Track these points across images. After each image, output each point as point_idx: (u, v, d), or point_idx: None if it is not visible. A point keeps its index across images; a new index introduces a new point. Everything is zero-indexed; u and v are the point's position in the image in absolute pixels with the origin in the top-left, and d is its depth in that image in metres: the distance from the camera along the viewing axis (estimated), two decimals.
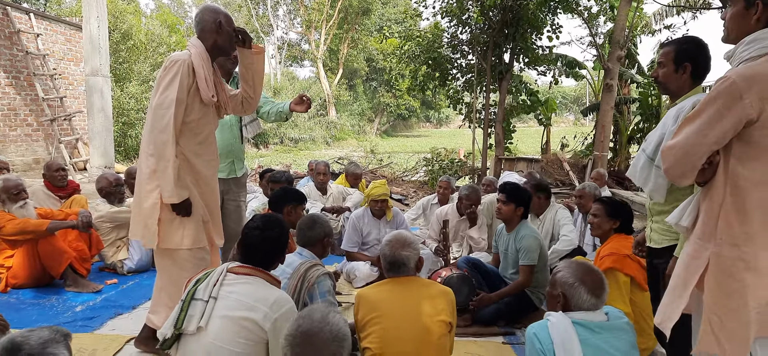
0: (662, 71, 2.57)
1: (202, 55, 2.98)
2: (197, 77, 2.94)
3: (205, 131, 3.11)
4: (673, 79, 2.53)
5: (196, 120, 3.02)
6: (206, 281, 2.36)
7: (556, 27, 11.04)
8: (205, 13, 3.07)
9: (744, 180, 1.80)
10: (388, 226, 5.12)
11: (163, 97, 2.88)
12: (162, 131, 2.86)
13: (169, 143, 2.86)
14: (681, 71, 2.50)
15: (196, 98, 2.99)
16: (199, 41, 3.03)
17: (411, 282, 2.62)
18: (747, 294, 1.80)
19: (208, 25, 3.03)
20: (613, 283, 3.29)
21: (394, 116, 40.70)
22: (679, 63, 2.51)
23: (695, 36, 2.60)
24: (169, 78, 2.89)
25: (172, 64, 2.91)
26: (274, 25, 37.94)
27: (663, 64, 2.57)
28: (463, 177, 11.94)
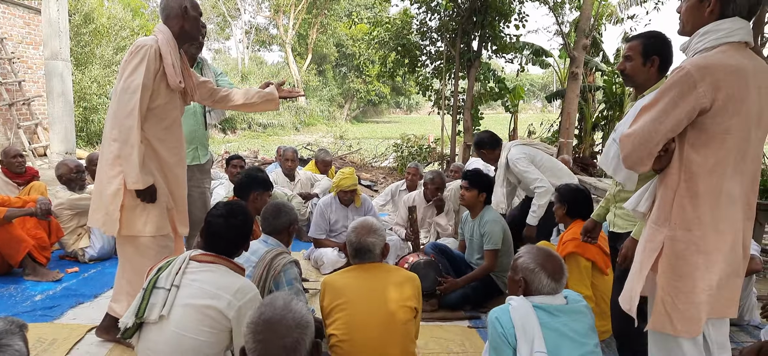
0: (630, 65, 2.63)
1: (169, 41, 2.95)
2: (164, 63, 2.91)
3: (170, 117, 3.06)
4: (640, 73, 2.60)
5: (161, 106, 2.98)
6: (168, 269, 2.33)
7: (523, 15, 11.13)
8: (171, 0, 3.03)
9: (697, 166, 1.86)
10: (356, 213, 5.12)
11: (128, 81, 2.83)
12: (127, 116, 2.81)
13: (134, 128, 2.81)
14: (649, 64, 2.57)
15: (163, 83, 2.94)
16: (166, 27, 2.99)
17: (377, 268, 2.63)
18: (697, 276, 1.88)
19: (174, 10, 3.00)
20: (574, 267, 3.38)
21: (364, 102, 40.62)
22: (647, 56, 2.58)
23: (660, 31, 2.67)
24: (135, 63, 2.84)
25: (138, 49, 2.87)
26: (241, 8, 37.37)
27: (631, 57, 2.63)
28: (431, 163, 12.02)
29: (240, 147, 17.90)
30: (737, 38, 1.85)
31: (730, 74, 1.79)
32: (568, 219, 3.68)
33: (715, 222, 1.87)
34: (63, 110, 9.83)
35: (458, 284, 4.00)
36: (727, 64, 1.80)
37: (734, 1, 1.85)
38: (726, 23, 1.86)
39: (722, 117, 1.81)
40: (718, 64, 1.80)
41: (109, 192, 2.89)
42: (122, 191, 2.88)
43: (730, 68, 1.79)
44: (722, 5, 1.87)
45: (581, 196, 3.69)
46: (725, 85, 1.78)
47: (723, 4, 1.87)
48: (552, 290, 2.23)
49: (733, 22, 1.85)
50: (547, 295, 2.22)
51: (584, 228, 3.18)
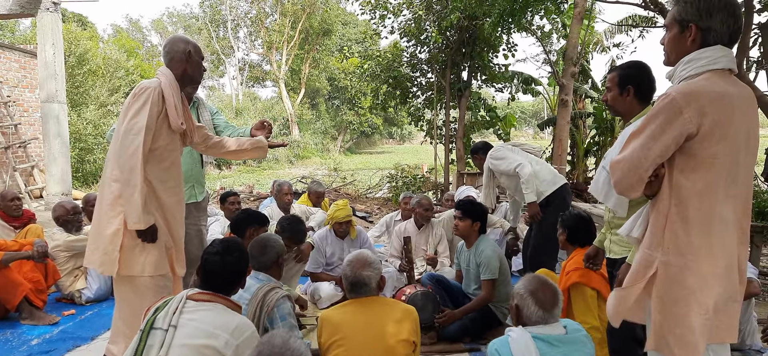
0: (610, 95, 2.77)
1: (172, 84, 3.01)
2: (167, 104, 2.96)
3: (170, 158, 3.09)
4: (619, 102, 2.74)
5: (162, 147, 3.01)
6: (165, 309, 2.32)
7: (511, 45, 11.33)
8: (175, 43, 3.13)
9: (687, 191, 1.88)
10: (351, 245, 5.13)
11: (132, 123, 2.87)
12: (130, 157, 2.84)
13: (136, 169, 2.84)
14: (625, 94, 2.69)
15: (164, 124, 2.99)
16: (169, 70, 3.07)
17: (374, 302, 2.63)
18: (692, 301, 1.88)
19: (178, 54, 3.09)
20: (580, 298, 3.37)
21: (357, 134, 40.77)
22: (623, 86, 2.70)
23: (637, 60, 2.79)
24: (139, 104, 2.89)
25: (142, 91, 2.92)
26: (234, 46, 37.72)
27: (609, 88, 2.77)
28: (426, 192, 12.04)
29: (235, 182, 17.88)
30: (721, 66, 1.88)
31: (715, 100, 1.81)
32: (570, 246, 3.67)
33: (709, 246, 1.88)
34: (59, 152, 9.84)
35: (456, 316, 3.98)
36: (711, 90, 1.83)
37: (714, 30, 1.89)
38: (709, 51, 1.89)
39: (709, 142, 1.83)
40: (702, 91, 1.82)
41: (108, 232, 2.89)
42: (122, 231, 2.88)
43: (714, 94, 1.82)
44: (703, 34, 1.91)
45: (582, 223, 3.63)
46: (710, 111, 1.81)
47: (704, 32, 1.90)
48: (541, 318, 2.24)
49: (716, 50, 1.89)
50: (542, 324, 2.23)
51: (587, 255, 3.18)
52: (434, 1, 10.48)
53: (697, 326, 1.89)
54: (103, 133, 14.63)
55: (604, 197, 2.52)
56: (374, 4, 11.29)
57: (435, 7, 10.51)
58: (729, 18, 1.87)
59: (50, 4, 9.50)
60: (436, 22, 10.71)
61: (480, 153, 5.04)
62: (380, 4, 11.22)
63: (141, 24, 43.27)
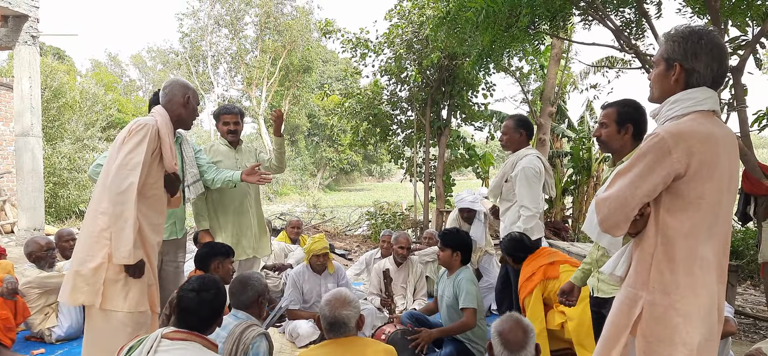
0: (605, 131, 2.74)
1: (167, 123, 3.07)
2: (162, 143, 3.01)
3: (155, 195, 3.09)
4: (615, 139, 2.73)
5: (150, 184, 3.02)
6: (139, 348, 2.27)
7: (489, 85, 11.50)
8: (175, 86, 3.20)
9: (673, 231, 1.89)
10: (328, 280, 5.11)
11: (128, 158, 2.87)
12: (123, 192, 2.82)
13: (130, 203, 2.82)
14: (623, 132, 2.69)
15: (155, 162, 3.01)
16: (165, 110, 3.12)
17: (352, 342, 2.60)
18: (677, 340, 1.88)
19: (176, 97, 3.17)
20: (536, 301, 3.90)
21: (337, 170, 40.75)
22: (622, 124, 2.70)
23: (634, 100, 2.78)
24: (136, 140, 2.90)
25: (139, 128, 2.93)
26: (214, 82, 37.65)
27: (606, 124, 2.74)
28: (405, 230, 12.00)
29: None
30: (706, 107, 1.90)
31: (703, 141, 1.83)
32: (517, 266, 4.11)
33: (693, 286, 1.89)
34: (33, 186, 9.65)
35: (433, 334, 3.98)
36: (699, 131, 1.85)
37: (698, 71, 1.92)
38: (696, 93, 1.91)
39: (696, 183, 1.85)
40: (691, 132, 1.84)
41: (91, 265, 2.84)
42: (105, 265, 2.84)
43: (702, 135, 1.84)
44: (687, 74, 1.94)
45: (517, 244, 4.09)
46: (698, 152, 1.82)
47: (687, 73, 1.93)
48: None
49: (702, 91, 1.91)
50: None
51: (561, 290, 3.19)
52: (414, 41, 10.63)
53: None
54: (79, 167, 14.38)
55: (597, 236, 2.52)
56: (355, 43, 11.42)
57: (415, 47, 10.67)
58: (713, 62, 1.90)
59: (28, 37, 9.43)
60: (416, 61, 10.85)
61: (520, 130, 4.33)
62: (361, 43, 11.36)
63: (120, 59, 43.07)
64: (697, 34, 1.92)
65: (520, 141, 4.28)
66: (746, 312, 6.21)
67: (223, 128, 4.53)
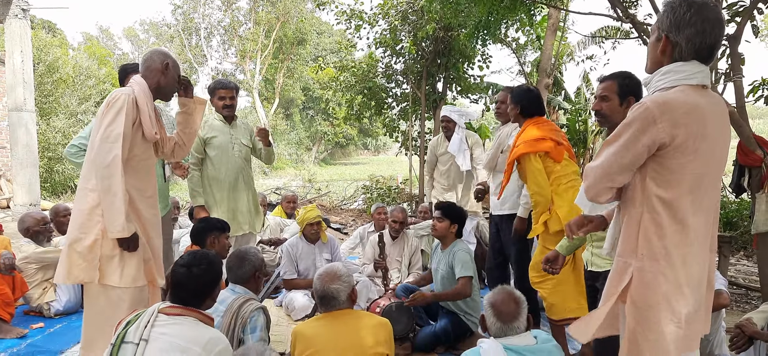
0: (606, 105, 2.67)
1: (145, 92, 2.99)
2: (141, 113, 2.94)
3: (145, 167, 3.07)
4: (617, 113, 2.64)
5: (137, 156, 2.98)
6: (137, 323, 2.28)
7: (486, 57, 11.42)
8: (154, 54, 3.12)
9: (658, 200, 1.90)
10: (324, 249, 5.18)
11: (108, 130, 2.82)
12: (108, 166, 2.79)
13: (116, 176, 2.79)
14: (625, 105, 2.61)
15: (138, 133, 2.96)
16: (143, 80, 3.04)
17: (346, 315, 2.62)
18: (666, 307, 1.90)
19: (155, 64, 3.07)
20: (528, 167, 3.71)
21: (332, 144, 40.70)
22: (624, 96, 2.63)
23: (631, 72, 2.73)
24: (113, 112, 2.84)
25: (115, 99, 2.87)
26: (207, 55, 37.33)
27: (607, 97, 2.67)
28: (401, 204, 12.04)
29: None
30: (696, 81, 1.90)
31: (689, 113, 1.83)
32: (521, 119, 3.94)
33: (682, 256, 1.90)
34: (27, 161, 9.61)
35: (428, 298, 4.01)
36: (685, 102, 1.84)
37: (680, 45, 1.91)
38: (687, 66, 1.91)
39: (682, 154, 1.85)
40: (677, 102, 1.84)
41: (86, 243, 2.83)
42: (100, 241, 2.83)
43: (688, 107, 1.84)
44: (672, 47, 1.93)
45: (531, 95, 3.96)
46: (684, 123, 1.83)
47: (672, 46, 1.93)
48: (499, 330, 2.28)
49: (693, 65, 1.90)
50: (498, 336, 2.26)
51: (546, 258, 3.17)
52: (410, 12, 10.53)
53: (669, 332, 1.91)
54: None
55: (590, 210, 2.52)
56: (349, 15, 11.30)
57: (410, 18, 10.57)
58: (696, 36, 1.88)
59: (19, 10, 9.30)
60: (411, 33, 10.76)
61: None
62: (355, 15, 11.24)
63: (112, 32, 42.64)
64: (687, 4, 1.89)
65: None
66: (739, 282, 6.28)
67: (218, 103, 4.50)
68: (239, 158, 4.60)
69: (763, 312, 3.34)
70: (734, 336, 3.19)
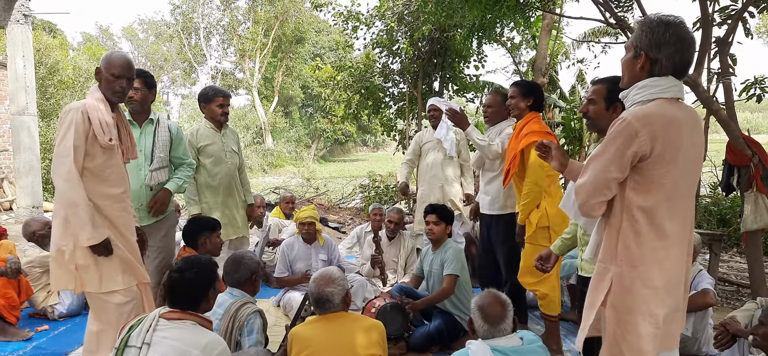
0: (593, 108, 2.73)
1: (98, 101, 3.01)
2: (92, 122, 2.95)
3: (112, 176, 3.07)
4: (603, 117, 2.71)
5: (101, 164, 3.01)
6: (139, 327, 2.37)
7: (482, 56, 11.49)
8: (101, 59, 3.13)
9: (637, 208, 2.00)
10: (321, 251, 5.24)
11: (61, 147, 2.90)
12: (66, 179, 2.86)
13: (75, 187, 2.86)
14: (612, 110, 2.67)
15: (96, 143, 2.98)
16: (96, 87, 3.09)
17: (341, 317, 2.71)
18: (644, 310, 2.00)
19: (98, 69, 3.07)
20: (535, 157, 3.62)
21: (331, 141, 40.73)
22: (611, 102, 2.68)
23: None
24: (64, 128, 2.91)
25: (65, 114, 2.94)
26: (207, 54, 37.37)
27: (594, 101, 2.73)
28: (398, 202, 12.12)
29: None
30: (671, 95, 2.01)
31: (666, 126, 1.94)
32: (526, 112, 3.95)
33: (659, 260, 2.00)
34: (30, 164, 9.69)
35: (418, 305, 4.12)
36: (663, 115, 1.95)
37: (660, 62, 2.01)
38: (662, 81, 2.01)
39: (659, 164, 1.95)
40: (655, 116, 1.94)
41: (63, 254, 2.94)
42: (73, 251, 2.92)
43: (665, 120, 1.94)
44: (651, 64, 2.03)
45: (538, 89, 4.00)
46: (662, 135, 1.93)
47: (651, 62, 2.03)
48: (487, 332, 2.37)
49: (667, 80, 2.01)
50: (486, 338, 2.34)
51: (539, 256, 3.27)
52: (406, 13, 10.60)
53: (647, 334, 2.00)
54: None
55: (574, 215, 2.58)
56: (346, 16, 11.37)
57: (406, 19, 10.64)
58: (676, 54, 1.99)
59: (21, 16, 9.36)
60: (407, 33, 10.83)
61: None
62: (352, 16, 11.31)
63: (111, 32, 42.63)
64: (665, 25, 1.99)
65: (504, 113, 4.32)
66: (730, 279, 6.37)
67: (217, 110, 4.57)
68: (231, 164, 4.68)
69: (747, 311, 3.43)
70: (719, 334, 3.29)
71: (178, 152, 4.06)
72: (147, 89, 3.86)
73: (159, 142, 3.89)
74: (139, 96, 3.81)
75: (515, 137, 3.95)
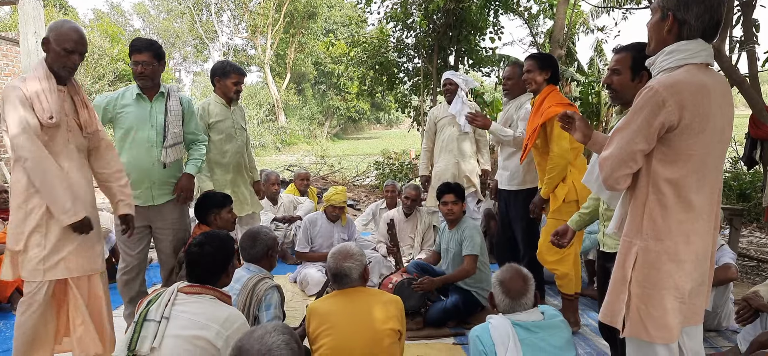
0: (618, 79, 2.59)
1: (41, 75, 2.85)
2: (32, 99, 2.77)
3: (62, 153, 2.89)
4: (629, 88, 2.57)
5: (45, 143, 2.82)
6: (158, 301, 2.37)
7: (498, 28, 11.31)
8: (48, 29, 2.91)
9: (664, 180, 1.94)
10: (340, 230, 5.30)
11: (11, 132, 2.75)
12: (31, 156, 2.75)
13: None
14: (637, 80, 2.55)
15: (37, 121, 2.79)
16: (43, 60, 2.91)
17: (359, 292, 2.69)
18: (670, 284, 1.96)
19: (46, 44, 2.88)
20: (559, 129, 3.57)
21: (345, 119, 40.66)
22: (637, 71, 2.54)
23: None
24: (7, 110, 2.77)
25: (4, 96, 2.81)
26: (218, 31, 37.29)
27: (618, 71, 2.59)
28: (413, 179, 12.09)
29: None
30: (700, 60, 1.93)
31: (695, 93, 1.86)
32: (543, 85, 3.88)
33: (685, 234, 1.95)
34: None
35: (435, 282, 4.07)
36: (691, 82, 1.87)
37: (689, 23, 1.92)
38: (691, 44, 1.93)
39: (688, 134, 1.89)
40: (684, 83, 1.87)
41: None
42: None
43: (694, 87, 1.87)
44: (679, 25, 1.95)
45: (556, 62, 3.94)
46: (691, 104, 1.86)
47: (680, 24, 1.94)
48: (509, 306, 2.34)
49: (696, 43, 1.93)
50: (507, 313, 2.31)
51: (556, 232, 3.22)
52: None
53: (673, 309, 1.97)
54: None
55: (597, 189, 2.51)
56: None
57: None
58: (705, 13, 1.90)
59: None
60: (422, 5, 10.67)
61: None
62: None
63: (123, 8, 42.64)
64: None
65: (523, 86, 4.24)
66: (750, 254, 6.28)
67: (232, 87, 4.46)
68: (241, 141, 4.61)
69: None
70: (740, 308, 3.23)
71: (190, 126, 3.90)
72: (157, 61, 3.63)
73: (171, 116, 3.70)
74: (149, 70, 3.59)
75: (535, 112, 3.87)
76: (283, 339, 1.80)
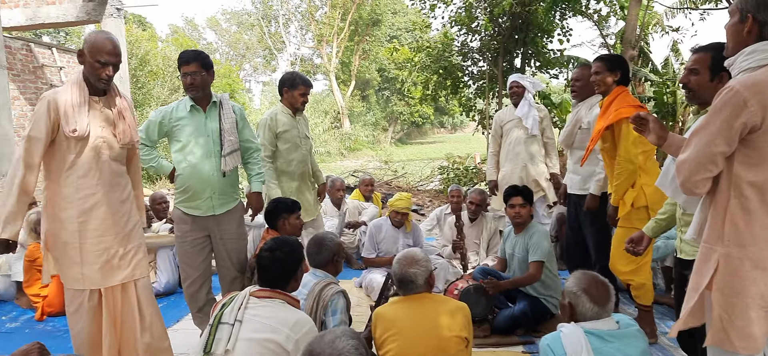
0: (695, 79, 2.51)
1: (75, 87, 2.84)
2: (59, 112, 2.75)
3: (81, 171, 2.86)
4: (707, 88, 2.48)
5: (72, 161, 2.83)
6: (231, 305, 2.45)
7: (566, 30, 11.03)
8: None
9: (747, 184, 1.87)
10: (405, 237, 5.29)
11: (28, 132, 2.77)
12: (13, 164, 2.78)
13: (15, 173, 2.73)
14: (717, 81, 2.44)
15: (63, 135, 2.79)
16: (80, 72, 2.90)
17: (425, 298, 2.68)
18: (754, 292, 1.87)
19: (81, 56, 2.86)
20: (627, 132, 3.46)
21: (408, 124, 40.76)
22: (716, 72, 2.45)
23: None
24: (34, 118, 2.76)
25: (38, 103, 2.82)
26: (286, 41, 38.38)
27: (696, 71, 2.50)
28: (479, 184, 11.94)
29: None
30: None
31: None
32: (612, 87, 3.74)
33: None
34: None
35: (501, 285, 3.99)
36: None
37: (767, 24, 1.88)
38: None
39: None
40: (765, 83, 1.81)
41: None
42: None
43: None
44: (759, 27, 1.90)
45: (626, 64, 3.79)
46: None
47: (760, 25, 1.90)
48: (596, 314, 2.24)
49: None
50: (594, 320, 2.22)
51: (630, 239, 3.08)
52: None
53: (758, 318, 1.88)
54: None
55: (673, 193, 2.41)
56: None
57: None
58: None
59: (114, 10, 9.95)
60: (487, 9, 10.56)
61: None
62: None
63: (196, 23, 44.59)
64: None
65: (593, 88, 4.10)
66: None
67: (299, 98, 4.54)
68: (306, 150, 4.69)
69: None
70: None
71: (244, 134, 3.83)
72: (205, 71, 3.58)
73: (226, 124, 3.66)
74: (198, 80, 3.55)
75: (602, 113, 3.74)
76: (352, 344, 1.81)
